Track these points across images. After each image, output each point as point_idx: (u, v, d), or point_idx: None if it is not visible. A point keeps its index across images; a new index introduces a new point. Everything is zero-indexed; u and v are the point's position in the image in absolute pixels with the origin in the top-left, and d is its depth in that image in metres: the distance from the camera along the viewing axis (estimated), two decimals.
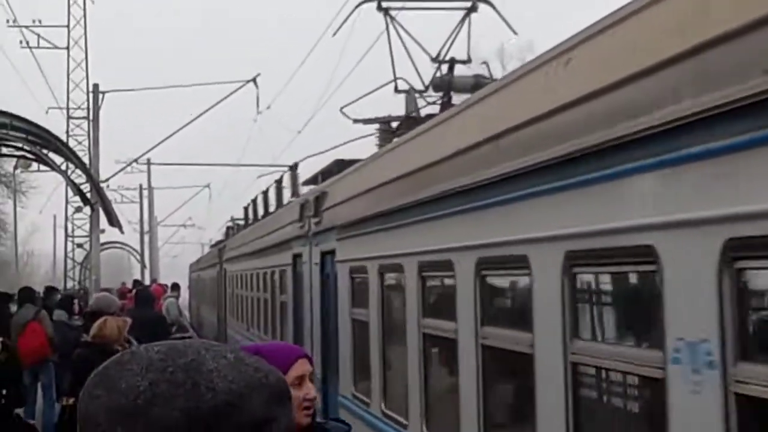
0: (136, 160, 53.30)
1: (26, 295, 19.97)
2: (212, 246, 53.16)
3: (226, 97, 41.28)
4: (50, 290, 25.57)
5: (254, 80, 41.30)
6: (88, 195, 37.52)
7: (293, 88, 50.69)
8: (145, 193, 77.38)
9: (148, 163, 66.48)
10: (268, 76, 45.51)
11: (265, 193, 29.39)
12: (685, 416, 4.09)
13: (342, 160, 15.48)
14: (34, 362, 18.72)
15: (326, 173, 16.22)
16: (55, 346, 18.40)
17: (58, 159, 35.89)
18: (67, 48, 56.97)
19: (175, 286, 37.90)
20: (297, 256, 15.95)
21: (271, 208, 27.81)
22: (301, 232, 15.13)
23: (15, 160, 44.70)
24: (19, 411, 9.47)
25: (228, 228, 44.17)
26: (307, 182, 20.11)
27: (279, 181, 27.26)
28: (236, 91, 41.54)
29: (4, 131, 31.42)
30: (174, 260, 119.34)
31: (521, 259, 5.81)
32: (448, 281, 7.53)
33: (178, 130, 43.02)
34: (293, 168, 24.87)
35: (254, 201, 32.05)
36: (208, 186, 76.06)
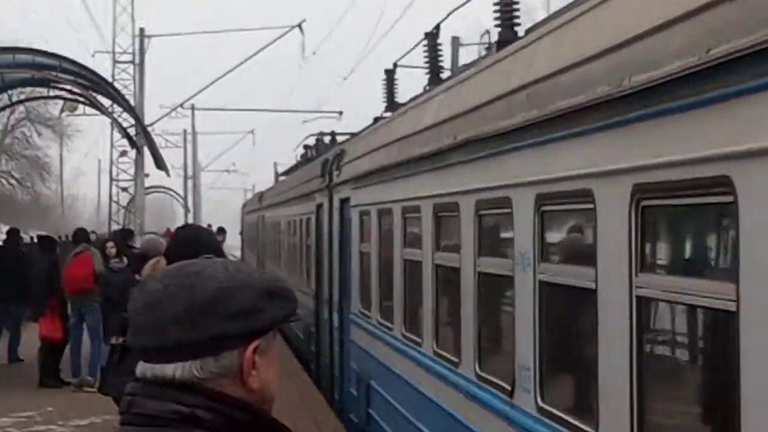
0: (180, 105, 53.28)
1: (81, 235, 20.86)
2: (293, 169, 33.78)
3: (271, 43, 41.17)
4: (125, 232, 26.49)
5: (300, 26, 41.14)
6: (134, 138, 37.75)
7: (339, 34, 50.52)
8: (189, 138, 77.51)
9: (192, 108, 65.94)
10: (314, 22, 45.20)
11: None
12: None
13: None
14: (75, 290, 19.24)
15: None
16: (102, 286, 18.55)
17: (105, 102, 35.94)
18: None
19: (221, 230, 37.89)
20: None
21: None
22: None
23: (61, 103, 44.93)
24: None
25: (307, 147, 29.86)
26: None
27: None
28: (281, 37, 41.35)
29: (54, 73, 31.49)
30: (217, 205, 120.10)
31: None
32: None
33: (222, 76, 42.89)
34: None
35: None
36: (251, 132, 75.88)
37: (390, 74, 16.33)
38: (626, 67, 5.25)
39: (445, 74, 13.19)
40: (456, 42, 26.29)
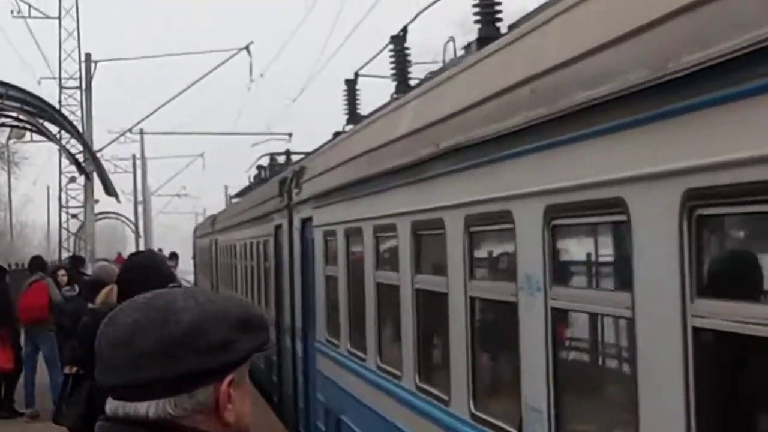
0: (129, 130, 53.20)
1: (38, 263, 20.50)
2: (246, 190, 32.20)
3: (218, 66, 40.55)
4: (76, 259, 25.88)
5: (247, 48, 40.53)
6: (83, 165, 37.02)
7: (287, 56, 50.30)
8: (139, 162, 77.39)
9: (141, 132, 67.05)
10: (262, 44, 45.05)
11: None
12: None
13: None
14: (30, 320, 18.99)
15: None
16: (55, 314, 18.27)
17: (52, 129, 35.30)
18: (59, 18, 56.73)
19: (173, 256, 37.23)
20: None
21: None
22: None
23: (7, 130, 44.52)
24: None
25: (261, 168, 29.30)
26: None
27: None
28: (229, 60, 41.02)
29: (0, 101, 30.52)
30: (168, 230, 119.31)
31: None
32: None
33: (171, 99, 42.50)
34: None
35: None
36: (201, 155, 75.54)
37: (351, 84, 15.30)
38: (671, 46, 4.28)
39: (413, 81, 12.33)
40: None
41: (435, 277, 8.22)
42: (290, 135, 48.97)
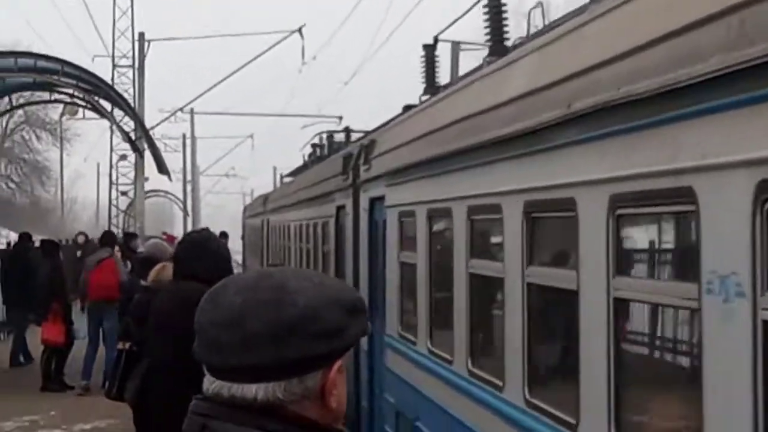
0: (180, 109, 53.47)
1: (108, 239, 21.40)
2: (301, 169, 30.71)
3: (271, 47, 40.73)
4: (128, 236, 26.71)
5: (299, 30, 40.74)
6: (136, 143, 36.67)
7: (340, 38, 49.82)
8: (188, 142, 78.07)
9: (192, 112, 67.93)
10: (314, 26, 44.85)
11: None
12: None
13: None
14: (99, 297, 19.41)
15: None
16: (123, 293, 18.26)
17: (106, 106, 35.14)
18: None
19: (223, 235, 36.38)
20: None
21: None
22: None
23: (60, 107, 45.08)
24: None
25: (316, 146, 28.12)
26: None
27: None
28: (281, 42, 41.32)
29: (56, 77, 31.09)
30: (216, 210, 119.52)
31: None
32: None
33: (222, 80, 42.76)
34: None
35: None
36: (251, 136, 75.37)
37: (430, 50, 13.71)
38: None
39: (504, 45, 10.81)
40: (456, 47, 23.78)
41: (558, 270, 6.68)
42: (340, 118, 48.47)
